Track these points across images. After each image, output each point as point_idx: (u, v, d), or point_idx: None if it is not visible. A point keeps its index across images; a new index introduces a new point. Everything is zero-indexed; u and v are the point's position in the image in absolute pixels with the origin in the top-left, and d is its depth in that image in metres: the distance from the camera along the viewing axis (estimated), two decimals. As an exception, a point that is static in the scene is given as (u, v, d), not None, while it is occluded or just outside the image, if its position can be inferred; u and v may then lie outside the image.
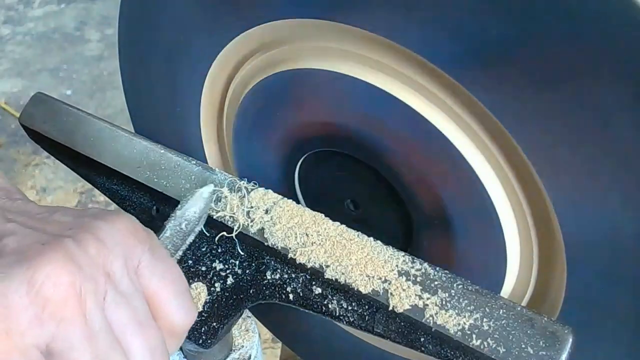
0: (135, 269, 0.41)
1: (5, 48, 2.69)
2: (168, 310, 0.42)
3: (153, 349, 0.40)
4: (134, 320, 0.39)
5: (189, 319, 0.43)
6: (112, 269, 0.39)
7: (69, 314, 0.36)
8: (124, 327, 0.39)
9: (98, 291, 0.37)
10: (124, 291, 0.39)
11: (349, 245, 0.53)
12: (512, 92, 0.45)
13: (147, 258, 0.41)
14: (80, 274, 0.36)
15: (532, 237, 0.52)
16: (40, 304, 0.35)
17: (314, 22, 0.53)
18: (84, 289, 0.36)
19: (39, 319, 0.35)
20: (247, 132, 0.64)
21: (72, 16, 2.83)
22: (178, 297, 0.42)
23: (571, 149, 0.44)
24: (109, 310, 0.38)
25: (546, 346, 0.46)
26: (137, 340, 0.39)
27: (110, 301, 0.38)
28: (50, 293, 0.35)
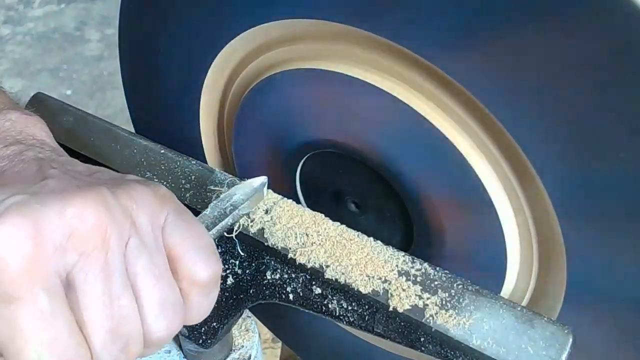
0: (161, 227, 0.43)
1: (5, 48, 2.69)
2: (188, 262, 0.43)
3: (162, 301, 0.41)
4: (150, 271, 0.41)
5: (210, 271, 0.44)
6: (138, 221, 0.41)
7: (90, 248, 0.38)
8: (138, 275, 0.41)
9: (122, 236, 0.40)
10: (147, 243, 0.41)
11: (349, 245, 0.53)
12: (512, 91, 0.45)
13: (172, 217, 0.43)
14: (108, 216, 0.39)
15: (532, 237, 0.52)
16: (67, 233, 0.38)
17: (314, 22, 0.53)
18: (109, 230, 0.39)
19: (63, 248, 0.38)
20: (248, 132, 0.64)
21: (72, 16, 2.82)
22: (199, 250, 0.44)
23: (571, 147, 0.44)
24: (128, 256, 0.40)
25: (546, 346, 0.46)
26: (148, 289, 0.41)
27: (132, 248, 0.41)
28: (77, 225, 0.38)
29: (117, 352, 0.40)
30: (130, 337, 0.41)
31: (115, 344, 0.40)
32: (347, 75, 0.53)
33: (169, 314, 0.42)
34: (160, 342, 0.43)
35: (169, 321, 0.42)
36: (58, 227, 0.37)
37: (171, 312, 0.42)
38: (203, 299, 0.44)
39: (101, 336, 0.39)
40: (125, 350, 0.41)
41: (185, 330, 0.61)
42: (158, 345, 0.43)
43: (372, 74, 0.52)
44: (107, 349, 0.40)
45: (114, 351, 0.40)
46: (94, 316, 0.39)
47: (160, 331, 0.42)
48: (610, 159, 0.43)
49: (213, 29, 0.60)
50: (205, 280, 0.44)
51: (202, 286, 0.44)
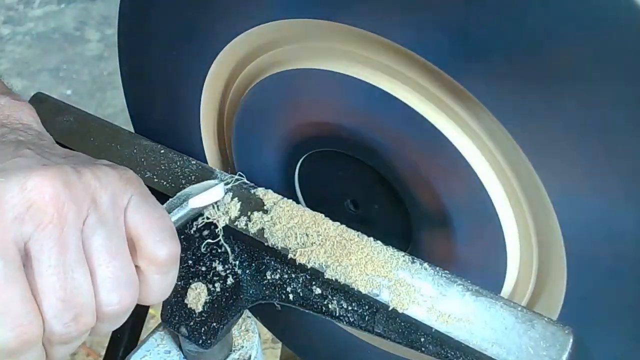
0: (123, 208, 0.45)
1: (5, 48, 2.69)
2: (148, 242, 0.45)
3: (116, 277, 0.43)
4: (105, 247, 0.43)
5: (169, 250, 0.46)
6: (100, 200, 0.43)
7: (47, 221, 0.40)
8: (94, 251, 0.43)
9: (80, 212, 0.42)
10: (105, 220, 0.43)
11: (349, 246, 0.53)
12: (513, 91, 0.45)
13: (136, 199, 0.45)
14: (66, 192, 0.41)
15: (532, 237, 0.52)
16: (26, 205, 0.40)
17: (312, 22, 0.53)
18: (67, 205, 0.41)
19: (22, 218, 0.40)
20: (248, 132, 0.64)
21: (72, 16, 2.82)
22: (159, 230, 0.45)
23: (571, 148, 0.44)
24: (86, 232, 0.42)
25: (547, 347, 0.46)
26: (103, 265, 0.43)
27: (89, 225, 0.42)
28: (35, 198, 0.40)
29: (68, 321, 0.42)
30: (82, 308, 0.42)
31: (66, 313, 0.42)
32: (347, 75, 0.53)
33: (122, 290, 0.44)
34: (113, 316, 0.45)
35: (121, 296, 0.44)
36: (17, 199, 0.40)
37: (124, 288, 0.44)
38: (162, 278, 0.46)
39: (53, 304, 0.41)
40: (77, 320, 0.42)
41: (185, 331, 0.61)
42: (111, 319, 0.45)
43: (371, 73, 0.52)
44: (58, 317, 0.41)
45: (65, 319, 0.42)
46: (47, 285, 0.41)
47: (113, 305, 0.44)
48: (611, 159, 0.43)
49: (213, 30, 0.60)
50: (164, 259, 0.45)
51: (161, 265, 0.46)
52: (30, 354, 0.42)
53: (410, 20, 0.47)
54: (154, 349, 0.67)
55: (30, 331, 0.41)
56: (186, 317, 0.60)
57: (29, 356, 0.42)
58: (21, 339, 0.40)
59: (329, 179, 0.64)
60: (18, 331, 0.40)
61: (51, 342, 0.43)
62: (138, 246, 0.45)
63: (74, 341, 0.44)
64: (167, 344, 0.67)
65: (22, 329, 0.40)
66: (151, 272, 0.46)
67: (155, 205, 0.47)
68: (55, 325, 0.42)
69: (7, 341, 0.40)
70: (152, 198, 0.47)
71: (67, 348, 0.44)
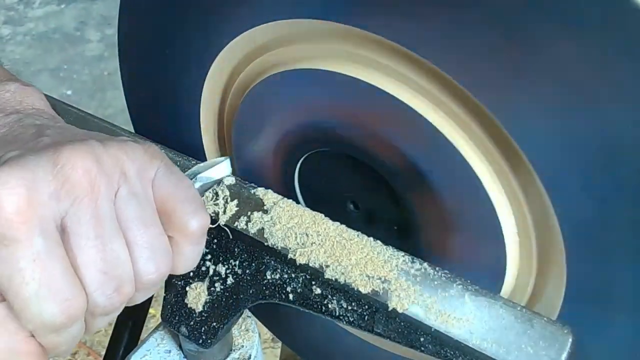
0: (151, 180, 0.45)
1: (5, 48, 2.70)
2: (180, 213, 0.45)
3: (151, 246, 0.44)
4: (139, 218, 0.44)
5: (200, 222, 0.46)
6: (129, 172, 0.44)
7: (82, 194, 0.41)
8: (128, 221, 0.43)
9: (111, 184, 0.42)
10: (136, 192, 0.44)
11: (348, 245, 0.53)
12: (511, 90, 0.45)
13: (162, 171, 0.46)
14: (97, 166, 0.42)
15: (532, 237, 0.52)
16: (60, 181, 0.40)
17: (312, 22, 0.53)
18: (99, 177, 0.42)
19: (57, 195, 0.40)
20: (248, 132, 0.64)
21: (72, 16, 2.83)
22: (189, 201, 0.46)
23: (570, 145, 0.44)
24: (118, 203, 0.43)
25: (546, 346, 0.46)
26: (138, 234, 0.43)
27: (121, 196, 0.43)
28: (68, 173, 0.41)
29: (110, 292, 0.42)
30: (123, 279, 0.43)
31: (108, 285, 0.42)
32: (346, 75, 0.53)
33: (158, 259, 0.44)
34: (150, 285, 0.45)
35: (158, 265, 0.44)
36: (51, 175, 0.40)
37: (160, 256, 0.45)
38: (193, 249, 0.47)
39: (95, 277, 0.42)
40: (119, 291, 0.43)
41: (185, 330, 0.61)
42: (148, 288, 0.45)
43: (371, 73, 0.52)
44: (101, 289, 0.42)
45: (108, 291, 0.42)
46: (87, 258, 0.41)
47: (151, 274, 0.44)
48: (612, 159, 0.44)
49: (213, 29, 0.60)
50: (196, 230, 0.46)
51: (192, 236, 0.46)
52: (74, 328, 0.42)
53: (409, 19, 0.47)
54: (154, 349, 0.67)
55: (76, 305, 0.41)
56: (186, 317, 0.61)
57: (72, 330, 0.42)
58: (67, 313, 0.41)
59: (329, 179, 0.64)
60: (64, 306, 0.40)
61: (93, 315, 0.43)
62: (169, 218, 0.45)
63: (114, 312, 0.44)
64: (167, 343, 0.67)
65: (67, 304, 0.40)
66: (183, 243, 0.46)
67: (182, 176, 0.48)
68: (98, 298, 0.42)
69: (54, 317, 0.40)
70: (177, 169, 0.48)
71: (107, 319, 0.45)
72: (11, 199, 0.39)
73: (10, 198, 0.39)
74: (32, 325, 0.41)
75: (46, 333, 0.41)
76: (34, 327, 0.41)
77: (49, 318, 0.40)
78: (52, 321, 0.41)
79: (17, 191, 0.39)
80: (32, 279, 0.39)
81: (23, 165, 0.40)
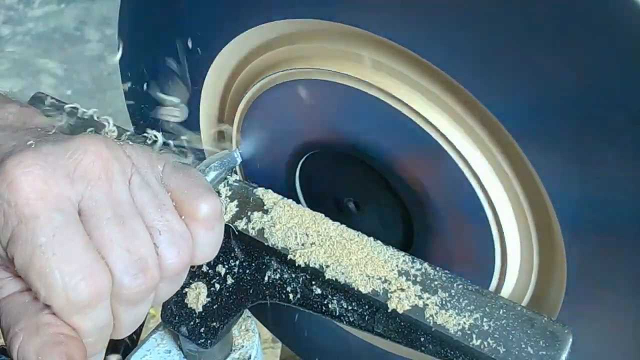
0: (160, 173, 0.46)
1: (5, 48, 2.69)
2: (189, 199, 0.46)
3: (171, 230, 0.44)
4: (155, 203, 0.44)
5: (210, 205, 0.46)
6: (139, 164, 0.45)
7: (95, 177, 0.42)
8: (146, 207, 0.44)
9: (124, 171, 0.44)
10: (149, 180, 0.45)
11: (349, 245, 0.53)
12: (512, 92, 0.45)
13: (169, 165, 0.47)
14: (108, 151, 0.43)
15: (532, 237, 0.52)
16: (73, 165, 0.42)
17: (313, 22, 0.53)
18: (111, 163, 0.43)
19: (71, 178, 0.41)
20: (252, 135, 0.64)
21: (72, 16, 2.83)
22: (197, 186, 0.47)
23: (572, 147, 0.44)
24: (133, 190, 0.44)
25: (546, 346, 0.46)
26: (157, 219, 0.44)
27: (135, 184, 0.44)
28: (81, 158, 0.42)
29: (136, 272, 0.42)
30: (147, 260, 0.43)
31: (133, 265, 0.42)
32: (346, 76, 0.53)
33: (178, 243, 0.45)
34: (174, 272, 0.45)
35: (179, 250, 0.45)
36: (65, 159, 0.42)
37: (180, 241, 0.45)
38: (208, 234, 0.47)
39: (119, 255, 0.42)
40: (144, 273, 0.43)
41: (185, 331, 0.61)
42: (172, 276, 0.45)
43: (370, 73, 0.52)
44: (126, 268, 0.42)
45: (133, 270, 0.42)
46: (109, 236, 0.41)
47: (173, 258, 0.44)
48: (612, 160, 0.43)
49: (213, 29, 0.60)
50: (206, 213, 0.46)
51: (205, 221, 0.46)
52: (100, 310, 0.42)
53: (413, 20, 0.47)
54: (154, 349, 0.67)
55: (100, 280, 0.41)
56: (186, 317, 0.60)
57: (98, 313, 0.42)
58: (92, 288, 0.40)
59: (329, 179, 0.64)
60: (89, 281, 0.40)
61: (119, 299, 0.42)
62: (180, 206, 0.46)
63: (141, 301, 0.44)
64: (167, 344, 0.67)
65: (92, 278, 0.40)
66: (197, 229, 0.46)
67: (190, 167, 0.49)
68: (124, 277, 0.42)
69: (79, 291, 0.40)
70: (182, 165, 0.49)
71: (134, 312, 0.44)
72: (27, 178, 0.40)
73: (25, 177, 0.40)
74: (56, 304, 0.40)
75: (71, 313, 0.41)
76: (59, 306, 0.40)
77: (73, 293, 0.40)
78: (75, 296, 0.40)
79: (31, 170, 0.40)
80: (52, 254, 0.39)
81: (37, 150, 0.41)
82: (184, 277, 0.47)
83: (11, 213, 0.40)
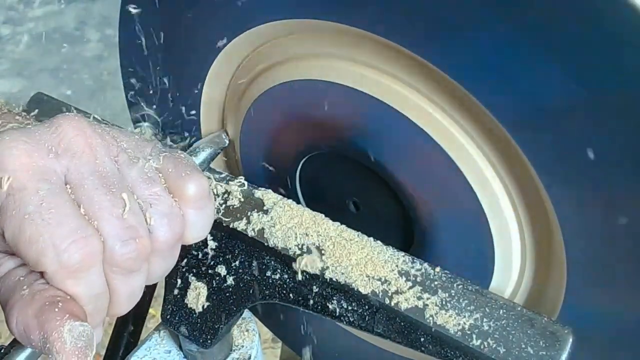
0: (147, 155, 0.47)
1: (5, 48, 2.70)
2: (176, 177, 0.46)
3: (161, 204, 0.44)
4: (143, 179, 0.45)
5: (197, 183, 0.46)
6: (126, 145, 0.46)
7: (79, 150, 0.43)
8: (134, 181, 0.44)
9: (109, 149, 0.44)
10: (136, 160, 0.45)
11: (349, 246, 0.53)
12: (512, 92, 0.45)
13: (157, 149, 0.47)
14: (91, 127, 0.44)
15: (532, 237, 0.52)
16: (56, 140, 0.43)
17: (313, 23, 0.53)
18: (95, 140, 0.44)
19: (56, 152, 0.42)
20: (252, 134, 0.64)
21: (72, 16, 2.83)
22: (184, 165, 0.47)
23: (572, 149, 0.44)
24: (121, 167, 0.44)
25: (546, 346, 0.46)
26: (146, 193, 0.44)
27: (122, 161, 0.45)
28: (64, 133, 0.43)
29: (127, 238, 0.42)
30: (138, 229, 0.43)
31: (124, 231, 0.42)
32: (343, 76, 0.53)
33: (168, 216, 0.45)
34: (166, 246, 0.45)
35: (169, 222, 0.45)
36: (48, 135, 0.43)
37: (170, 214, 0.45)
38: (197, 213, 0.47)
39: (109, 220, 0.42)
40: (136, 240, 0.42)
41: (185, 331, 0.61)
42: (164, 251, 0.45)
43: (369, 74, 0.52)
44: (117, 234, 0.42)
45: (124, 236, 0.42)
46: (98, 204, 0.42)
47: (164, 231, 0.44)
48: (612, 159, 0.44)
49: (213, 28, 0.60)
50: (194, 192, 0.46)
51: (193, 200, 0.46)
52: (92, 275, 0.42)
53: (412, 20, 0.47)
54: (154, 349, 0.67)
55: (91, 243, 0.41)
56: (186, 317, 0.61)
57: (91, 278, 0.42)
58: (83, 251, 0.40)
59: (329, 180, 0.64)
60: (80, 243, 0.40)
61: (112, 266, 0.42)
62: (168, 184, 0.46)
63: (135, 271, 0.43)
64: (167, 344, 0.67)
65: (83, 241, 0.40)
66: (186, 208, 0.46)
67: (176, 150, 0.49)
68: (115, 243, 0.42)
69: (70, 253, 0.40)
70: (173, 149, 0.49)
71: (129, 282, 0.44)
72: (12, 152, 0.41)
73: (10, 152, 0.41)
74: (49, 269, 0.40)
75: (64, 277, 0.41)
76: (51, 270, 0.40)
77: (64, 255, 0.40)
78: (67, 258, 0.40)
79: (16, 145, 0.41)
80: (41, 220, 0.40)
81: (21, 130, 0.43)
82: (177, 254, 0.47)
83: None
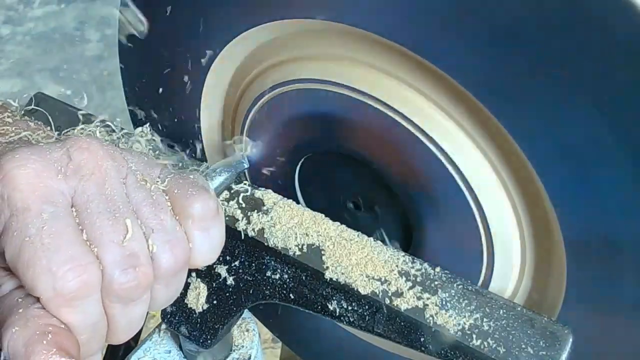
0: (157, 177, 0.46)
1: (5, 48, 2.70)
2: (181, 197, 0.45)
3: (165, 229, 0.44)
4: (150, 203, 0.44)
5: (203, 204, 0.46)
6: (135, 167, 0.46)
7: (88, 172, 0.43)
8: (140, 205, 0.44)
9: (119, 170, 0.44)
10: (144, 182, 0.45)
11: (349, 246, 0.53)
12: (511, 91, 0.45)
13: (167, 169, 0.47)
14: (103, 150, 0.44)
15: (532, 237, 0.52)
16: (66, 161, 0.43)
17: (314, 23, 0.53)
18: (106, 162, 0.44)
19: (65, 173, 0.42)
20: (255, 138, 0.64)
21: (72, 16, 2.83)
22: (191, 185, 0.46)
23: (570, 145, 0.44)
24: (128, 189, 0.44)
25: (546, 346, 0.46)
26: (151, 218, 0.44)
27: (130, 183, 0.44)
28: (75, 154, 0.43)
29: (126, 267, 0.42)
30: (139, 256, 0.42)
31: (124, 259, 0.42)
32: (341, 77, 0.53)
33: (173, 242, 0.44)
34: (169, 272, 0.44)
35: (173, 248, 0.44)
36: (59, 155, 0.43)
37: (175, 240, 0.44)
38: (203, 235, 0.46)
39: (109, 247, 0.41)
40: (136, 269, 0.42)
41: (185, 331, 0.61)
42: (168, 277, 0.44)
43: (368, 75, 0.52)
44: (116, 262, 0.41)
45: (124, 264, 0.41)
46: (100, 230, 0.41)
47: (167, 257, 0.44)
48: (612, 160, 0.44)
49: (213, 29, 0.60)
50: (199, 212, 0.45)
51: (199, 220, 0.45)
52: (90, 304, 0.41)
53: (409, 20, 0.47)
54: (154, 349, 0.67)
55: (89, 271, 0.40)
56: (186, 317, 0.61)
57: (88, 307, 0.41)
58: (80, 279, 0.40)
59: (329, 179, 0.64)
60: (77, 271, 0.40)
61: (110, 295, 0.42)
62: (173, 205, 0.45)
63: (135, 300, 0.43)
64: (167, 343, 0.67)
65: (81, 269, 0.40)
66: (191, 229, 0.45)
67: (189, 171, 0.49)
68: (114, 271, 0.41)
69: (66, 280, 0.39)
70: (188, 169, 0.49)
71: (128, 312, 0.43)
72: (21, 172, 0.41)
73: (19, 171, 0.41)
74: (44, 295, 0.40)
75: (59, 304, 0.40)
76: (46, 297, 0.40)
77: (60, 283, 0.39)
78: (62, 286, 0.39)
79: (25, 164, 0.41)
80: (40, 244, 0.39)
81: (32, 147, 0.43)
82: (182, 280, 0.46)
83: (4, 206, 0.40)
